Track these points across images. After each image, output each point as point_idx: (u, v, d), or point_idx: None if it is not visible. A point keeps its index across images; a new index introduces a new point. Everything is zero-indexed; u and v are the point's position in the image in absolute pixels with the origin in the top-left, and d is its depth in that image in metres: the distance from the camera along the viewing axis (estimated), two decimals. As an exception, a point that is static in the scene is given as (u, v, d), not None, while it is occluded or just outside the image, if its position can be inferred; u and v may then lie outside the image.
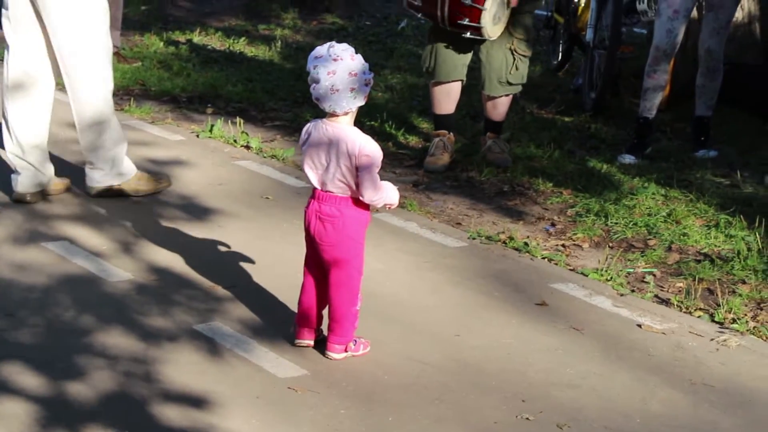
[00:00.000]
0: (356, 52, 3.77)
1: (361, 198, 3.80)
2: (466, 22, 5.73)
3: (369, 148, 3.77)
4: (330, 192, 3.82)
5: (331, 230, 3.84)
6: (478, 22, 5.70)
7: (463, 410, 3.61)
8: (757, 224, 5.27)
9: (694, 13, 6.56)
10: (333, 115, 3.78)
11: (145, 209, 5.24)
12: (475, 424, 3.53)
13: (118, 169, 5.40)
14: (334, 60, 3.69)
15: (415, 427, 3.48)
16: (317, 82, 3.70)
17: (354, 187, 3.79)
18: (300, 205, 5.34)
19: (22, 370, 3.69)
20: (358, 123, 6.46)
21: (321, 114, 3.84)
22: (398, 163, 6.22)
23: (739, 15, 6.80)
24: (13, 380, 3.63)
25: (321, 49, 3.74)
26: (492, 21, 5.74)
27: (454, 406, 3.62)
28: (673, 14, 6.25)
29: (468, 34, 5.81)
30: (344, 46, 3.75)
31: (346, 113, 3.78)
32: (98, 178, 5.39)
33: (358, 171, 3.76)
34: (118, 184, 5.40)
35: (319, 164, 3.82)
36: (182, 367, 3.78)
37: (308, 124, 3.90)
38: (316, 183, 3.85)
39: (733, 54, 6.87)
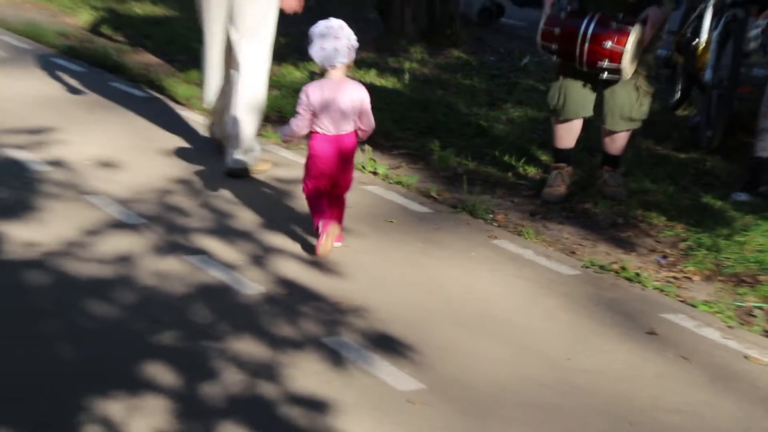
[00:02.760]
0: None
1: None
2: (605, 64, 5.69)
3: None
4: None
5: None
6: (619, 63, 5.66)
7: (571, 428, 3.63)
8: None
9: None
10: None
11: (276, 227, 5.36)
12: (582, 442, 3.56)
13: (258, 150, 6.23)
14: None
15: (525, 443, 3.53)
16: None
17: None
18: (421, 230, 5.46)
19: (163, 370, 3.82)
20: (481, 153, 6.51)
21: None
22: (517, 192, 6.25)
23: None
24: (155, 378, 3.76)
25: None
26: (630, 62, 5.70)
27: (565, 426, 3.65)
28: (791, 58, 6.18)
29: (605, 75, 5.77)
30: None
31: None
32: (248, 160, 6.14)
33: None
34: (251, 165, 6.19)
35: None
36: (308, 375, 3.86)
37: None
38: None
39: None
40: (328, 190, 5.05)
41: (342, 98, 4.91)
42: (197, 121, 7.25)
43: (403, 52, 9.89)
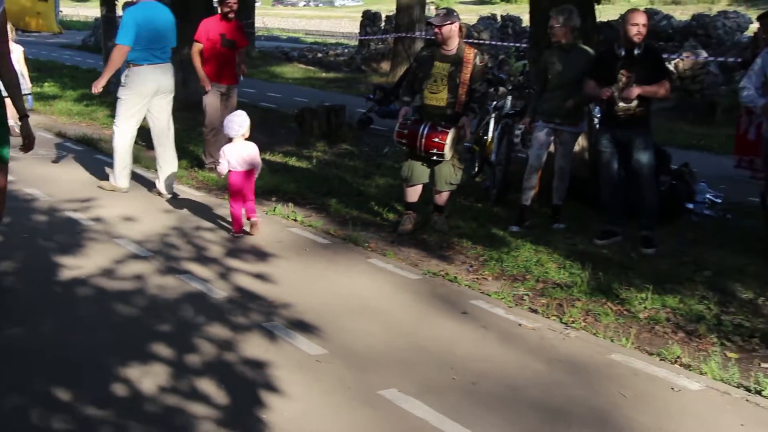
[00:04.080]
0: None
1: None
2: (434, 151, 5.76)
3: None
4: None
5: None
6: (442, 151, 5.74)
7: (416, 374, 3.60)
8: (586, 267, 5.27)
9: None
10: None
11: (235, 254, 5.21)
12: (424, 381, 3.52)
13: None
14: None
15: (389, 383, 3.47)
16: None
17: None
18: (324, 255, 5.37)
19: (163, 347, 3.69)
20: (360, 206, 6.39)
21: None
22: (382, 229, 6.20)
23: (577, 147, 6.84)
24: (155, 352, 3.63)
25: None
26: (449, 150, 5.78)
27: (412, 372, 3.62)
28: (539, 146, 6.31)
29: (434, 157, 5.82)
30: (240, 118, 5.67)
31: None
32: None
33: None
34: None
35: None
36: (254, 346, 3.77)
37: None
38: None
39: (575, 169, 6.88)
40: (242, 206, 5.60)
41: (242, 152, 5.60)
42: (186, 191, 7.05)
43: (312, 146, 9.82)
